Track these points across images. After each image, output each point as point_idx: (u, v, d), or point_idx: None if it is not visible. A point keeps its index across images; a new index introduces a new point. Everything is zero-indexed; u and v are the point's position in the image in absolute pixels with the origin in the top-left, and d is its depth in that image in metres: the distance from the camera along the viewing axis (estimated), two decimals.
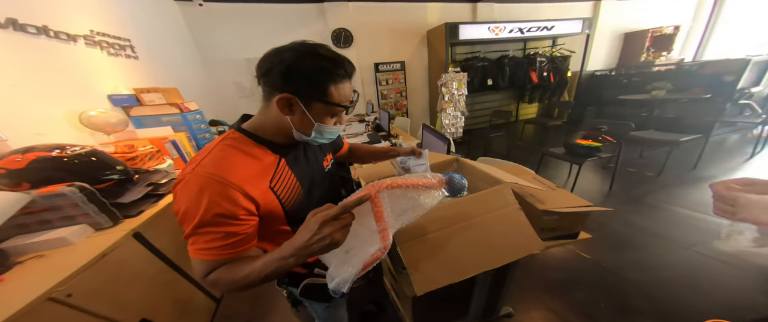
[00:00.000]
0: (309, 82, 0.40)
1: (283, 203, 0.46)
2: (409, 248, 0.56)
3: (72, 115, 1.31)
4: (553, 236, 0.70)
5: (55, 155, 0.94)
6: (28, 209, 0.83)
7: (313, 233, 0.34)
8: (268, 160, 0.45)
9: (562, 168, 2.62)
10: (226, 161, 0.40)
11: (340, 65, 0.42)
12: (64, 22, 1.41)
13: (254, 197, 0.41)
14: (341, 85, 0.42)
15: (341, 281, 0.39)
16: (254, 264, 0.38)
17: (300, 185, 0.50)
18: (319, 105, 0.42)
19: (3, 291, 0.68)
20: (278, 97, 0.40)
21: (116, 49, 1.71)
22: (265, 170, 0.44)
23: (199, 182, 0.37)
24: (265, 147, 0.46)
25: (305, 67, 0.39)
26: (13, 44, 1.16)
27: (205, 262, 0.39)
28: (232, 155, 0.42)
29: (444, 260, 0.55)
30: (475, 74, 3.89)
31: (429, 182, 0.43)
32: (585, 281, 1.32)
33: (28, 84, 1.17)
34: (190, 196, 0.36)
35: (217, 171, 0.38)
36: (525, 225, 0.59)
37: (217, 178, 0.37)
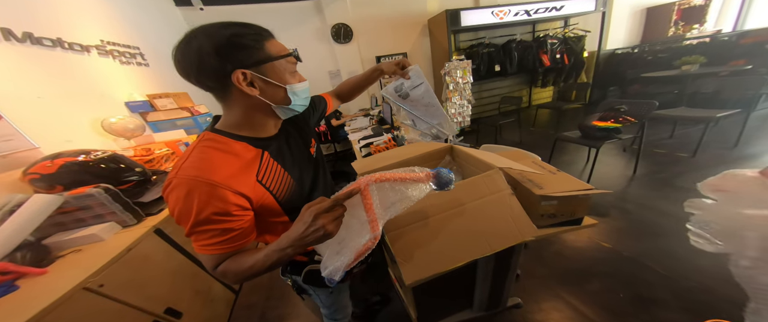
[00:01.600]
0: (244, 48, 0.39)
1: (275, 195, 0.47)
2: (398, 237, 0.57)
3: (95, 122, 1.42)
4: (554, 222, 0.67)
5: (81, 160, 1.04)
6: (63, 208, 0.93)
7: (307, 225, 0.37)
8: (250, 155, 0.45)
9: (579, 153, 2.51)
10: (206, 163, 0.40)
11: (254, 26, 0.41)
12: (76, 34, 1.50)
13: (244, 193, 0.41)
14: (270, 41, 0.42)
15: (334, 270, 0.41)
16: (257, 256, 0.42)
17: (290, 175, 0.50)
18: (271, 66, 0.41)
19: (47, 281, 0.77)
20: (234, 77, 0.38)
21: (127, 58, 1.81)
22: (249, 165, 0.44)
23: (185, 186, 0.37)
24: (244, 143, 0.45)
25: (230, 39, 0.38)
26: (33, 57, 1.26)
27: (210, 256, 0.42)
28: (210, 156, 0.41)
29: (434, 249, 0.55)
30: (481, 61, 3.78)
31: (416, 176, 0.44)
32: (603, 271, 1.26)
33: (52, 95, 1.28)
34: (180, 199, 0.37)
35: (199, 173, 0.38)
36: (518, 211, 0.59)
37: (201, 179, 0.37)
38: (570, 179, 0.71)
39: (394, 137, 2.02)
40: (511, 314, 1.12)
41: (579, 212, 0.69)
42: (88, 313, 0.76)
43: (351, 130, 2.65)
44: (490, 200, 0.60)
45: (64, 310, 0.69)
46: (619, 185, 1.96)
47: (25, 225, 0.84)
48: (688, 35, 3.99)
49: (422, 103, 0.81)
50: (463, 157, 0.88)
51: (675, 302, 1.07)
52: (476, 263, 0.89)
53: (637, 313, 1.06)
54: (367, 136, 2.24)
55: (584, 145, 2.02)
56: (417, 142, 1.13)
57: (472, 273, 0.94)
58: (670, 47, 3.74)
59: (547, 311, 1.12)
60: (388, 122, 2.55)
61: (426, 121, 0.83)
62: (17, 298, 0.72)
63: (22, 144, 1.08)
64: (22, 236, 0.83)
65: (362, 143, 2.03)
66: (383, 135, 2.16)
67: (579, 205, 0.67)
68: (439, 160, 0.97)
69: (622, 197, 1.80)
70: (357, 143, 2.08)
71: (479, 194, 0.60)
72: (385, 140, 2.02)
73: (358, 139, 2.21)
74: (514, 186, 0.63)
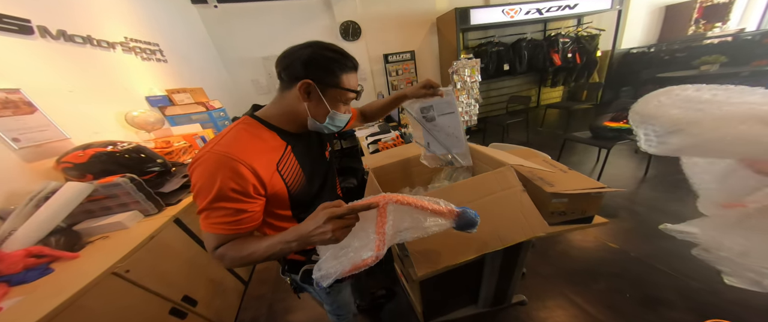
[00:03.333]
0: (325, 70, 0.47)
1: (288, 187, 0.50)
2: None
3: (119, 115, 1.48)
4: (564, 220, 0.68)
5: (109, 151, 1.09)
6: (92, 196, 0.99)
7: (318, 225, 0.37)
8: (276, 144, 0.50)
9: (588, 154, 2.48)
10: (240, 143, 0.45)
11: (349, 58, 0.49)
12: (103, 31, 1.57)
13: (262, 177, 0.44)
14: (350, 74, 0.49)
15: (325, 275, 0.41)
16: (260, 243, 0.42)
17: (302, 171, 0.54)
18: (334, 91, 0.49)
19: (79, 265, 0.81)
20: (301, 83, 0.45)
21: (148, 54, 1.88)
22: (274, 153, 0.48)
23: (216, 160, 0.41)
24: (274, 133, 0.51)
25: (322, 58, 0.46)
26: (66, 54, 1.33)
27: (216, 236, 0.43)
28: (245, 137, 0.46)
29: (444, 243, 0.56)
30: (490, 60, 3.73)
31: (439, 210, 0.42)
32: (610, 271, 1.26)
33: (82, 89, 1.35)
34: (205, 173, 0.40)
35: (231, 151, 0.42)
36: (529, 207, 0.60)
37: (232, 156, 0.41)
38: (582, 177, 0.71)
39: (402, 135, 2.04)
40: (515, 311, 1.13)
41: (590, 210, 0.70)
42: (115, 297, 0.80)
43: (358, 128, 2.67)
44: (501, 195, 0.60)
45: (94, 293, 0.73)
46: (629, 187, 1.92)
47: (59, 211, 0.90)
48: (709, 34, 3.81)
49: (446, 132, 0.79)
50: (473, 154, 0.89)
51: (682, 302, 1.06)
52: (484, 259, 0.89)
53: (642, 313, 1.06)
54: (374, 133, 2.26)
55: (594, 145, 1.99)
56: None
57: (479, 269, 0.95)
58: (689, 46, 3.59)
59: (551, 308, 1.13)
60: (395, 120, 2.56)
61: (445, 147, 0.81)
62: (52, 280, 0.75)
63: (55, 135, 1.15)
64: (56, 222, 0.89)
65: (370, 140, 2.05)
66: (390, 132, 2.17)
67: (591, 203, 0.68)
68: None
69: (632, 199, 1.77)
70: (365, 140, 2.10)
71: (490, 190, 0.61)
72: (392, 137, 2.04)
73: (365, 135, 2.23)
74: (525, 183, 0.63)
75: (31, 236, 0.82)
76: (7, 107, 1.02)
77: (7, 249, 0.77)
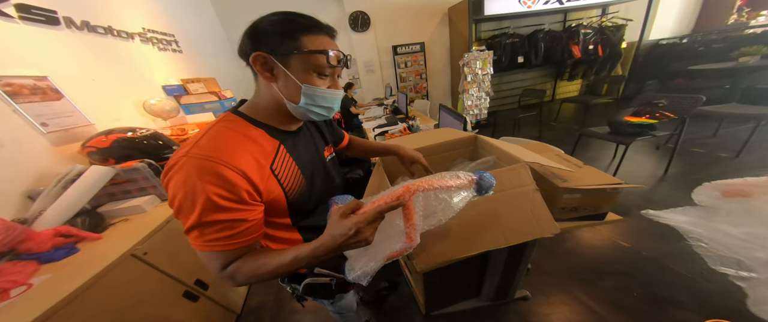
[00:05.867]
0: (278, 35, 0.37)
1: (285, 191, 0.43)
2: None
3: (137, 103, 1.53)
4: (575, 216, 0.66)
5: (129, 136, 1.13)
6: (114, 180, 1.03)
7: (347, 237, 0.33)
8: (266, 143, 0.43)
9: (604, 150, 2.35)
10: (224, 143, 0.37)
11: (309, 17, 0.39)
12: (123, 22, 1.60)
13: (255, 182, 0.37)
14: (316, 36, 0.39)
15: (362, 274, 0.38)
16: (281, 258, 0.36)
17: (301, 172, 0.47)
18: (297, 58, 0.38)
19: (102, 246, 0.84)
20: (252, 57, 0.37)
21: (164, 44, 1.90)
22: (265, 154, 0.41)
23: (195, 166, 0.33)
24: (262, 130, 0.43)
25: (272, 22, 0.38)
26: (89, 44, 1.37)
27: (217, 254, 0.35)
28: (229, 137, 0.38)
29: (449, 237, 0.55)
30: (503, 52, 3.56)
31: (461, 183, 0.41)
32: (619, 270, 1.22)
33: (104, 77, 1.39)
34: (184, 183, 0.32)
35: (214, 153, 0.34)
36: (540, 207, 0.57)
37: (214, 159, 0.33)
38: (597, 173, 0.67)
39: (409, 127, 2.00)
40: (517, 306, 1.11)
41: (604, 207, 0.66)
42: (134, 278, 0.81)
43: (365, 119, 2.65)
44: (513, 193, 0.58)
45: (115, 273, 0.75)
46: (647, 185, 1.81)
47: (85, 193, 0.94)
48: (752, 23, 3.44)
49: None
50: (487, 148, 0.85)
51: (692, 303, 1.02)
52: (489, 253, 0.88)
53: (650, 312, 1.02)
54: (381, 124, 2.23)
55: (612, 141, 1.87)
56: (441, 129, 1.10)
57: (483, 263, 0.93)
58: (728, 37, 3.25)
59: (555, 304, 1.11)
60: (403, 112, 2.51)
61: None
62: (79, 259, 0.78)
63: (80, 120, 1.19)
64: (82, 203, 0.93)
65: (377, 132, 2.02)
66: (398, 124, 2.14)
67: (605, 200, 0.64)
68: (463, 148, 0.94)
69: (649, 197, 1.67)
70: (372, 132, 2.08)
71: (501, 187, 0.58)
72: (400, 129, 2.00)
73: (372, 127, 2.21)
74: (536, 180, 0.60)
75: (59, 216, 0.87)
76: (36, 93, 1.06)
77: (37, 228, 0.82)
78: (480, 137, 0.91)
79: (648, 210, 1.52)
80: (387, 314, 1.20)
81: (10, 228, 0.74)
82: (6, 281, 0.65)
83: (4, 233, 0.72)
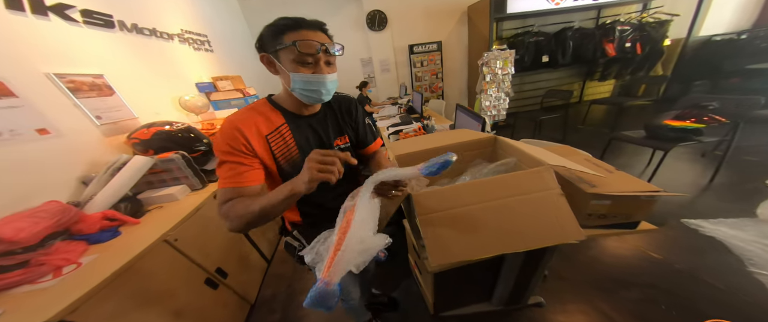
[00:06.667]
0: (271, 37, 0.48)
1: (275, 156, 0.54)
2: (430, 221, 0.55)
3: (174, 99, 1.64)
4: (603, 223, 0.62)
5: (167, 129, 1.21)
6: (153, 169, 1.11)
7: (309, 166, 0.41)
8: (274, 119, 0.56)
9: (638, 156, 2.13)
10: (243, 115, 0.54)
11: (294, 18, 0.48)
12: (165, 24, 1.72)
13: (248, 138, 0.51)
14: (296, 32, 0.47)
15: (311, 259, 0.43)
16: (267, 197, 0.46)
17: (297, 148, 0.56)
18: (284, 52, 0.48)
19: (140, 230, 0.89)
20: (260, 59, 0.51)
21: (198, 45, 2.03)
22: (268, 126, 0.55)
23: (223, 126, 0.52)
24: (278, 111, 0.56)
25: (267, 28, 0.49)
26: (137, 44, 1.49)
27: (223, 191, 0.49)
28: (248, 112, 0.55)
29: (464, 237, 0.53)
30: (526, 51, 3.36)
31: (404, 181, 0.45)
32: (646, 281, 1.12)
33: (147, 74, 1.50)
34: (217, 136, 0.52)
35: (234, 120, 0.52)
36: (564, 212, 0.53)
37: (233, 123, 0.52)
38: (630, 179, 0.62)
39: (424, 126, 1.96)
40: (530, 312, 1.06)
41: (637, 215, 0.61)
42: (164, 262, 0.85)
43: (379, 118, 2.64)
44: (535, 197, 0.54)
45: (149, 257, 0.79)
46: (687, 194, 1.63)
47: (129, 181, 1.02)
48: None
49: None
50: (508, 149, 0.80)
51: (726, 316, 0.90)
52: (504, 256, 0.84)
53: None
54: (395, 124, 2.21)
55: (648, 146, 1.69)
56: (458, 130, 1.06)
57: (498, 267, 0.89)
58: None
59: (571, 313, 1.03)
60: (418, 111, 2.47)
61: None
62: (120, 242, 0.83)
63: (127, 114, 1.30)
64: (126, 190, 1.01)
65: (391, 130, 2.01)
66: (412, 123, 2.10)
67: (639, 208, 0.59)
68: (481, 149, 0.89)
69: (689, 207, 1.50)
70: (386, 130, 2.07)
71: (523, 190, 0.55)
72: (414, 129, 1.97)
73: (386, 126, 2.20)
74: (561, 183, 0.56)
75: (106, 201, 0.95)
76: (93, 89, 1.17)
77: (88, 211, 0.90)
78: (500, 138, 0.86)
79: (689, 220, 1.37)
80: (397, 314, 1.18)
81: (66, 210, 0.82)
82: (60, 259, 0.72)
83: (61, 214, 0.80)
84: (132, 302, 0.74)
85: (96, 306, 0.65)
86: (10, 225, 0.71)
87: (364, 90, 3.17)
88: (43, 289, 0.66)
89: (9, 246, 0.68)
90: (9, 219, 0.74)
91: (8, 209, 0.79)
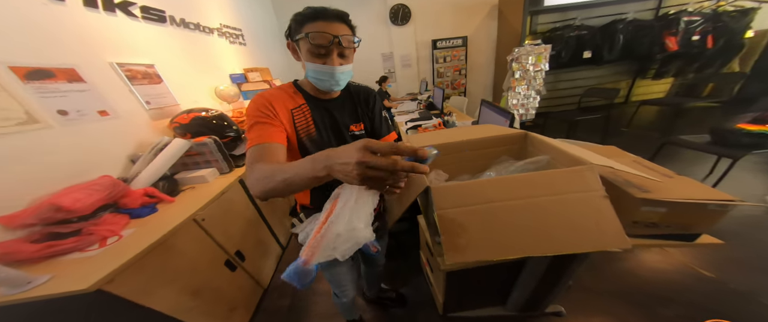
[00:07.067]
0: (295, 25, 0.51)
1: (297, 129, 0.58)
2: (449, 216, 0.50)
3: (210, 88, 1.76)
4: (652, 233, 0.54)
5: (203, 115, 1.30)
6: (189, 152, 1.20)
7: (348, 159, 0.30)
8: (298, 99, 0.60)
9: (696, 164, 1.86)
10: (272, 92, 0.58)
11: (315, 8, 0.49)
12: (207, 19, 1.84)
13: (275, 108, 0.55)
14: (313, 23, 0.49)
15: (301, 236, 0.44)
16: (290, 167, 0.39)
17: (315, 126, 0.59)
18: (302, 42, 0.51)
19: (174, 208, 0.96)
20: (287, 45, 0.56)
21: (233, 38, 2.15)
22: (291, 101, 0.59)
23: (255, 98, 0.56)
24: (300, 94, 0.60)
25: (294, 16, 0.51)
26: (183, 38, 1.61)
27: (252, 149, 0.50)
28: (276, 91, 0.59)
29: (485, 235, 0.48)
30: (565, 46, 3.04)
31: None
32: (688, 299, 0.98)
33: (190, 65, 1.62)
34: (250, 104, 0.55)
35: (264, 94, 0.57)
36: (608, 217, 0.45)
37: (262, 96, 0.56)
38: (695, 185, 0.53)
39: (445, 122, 1.88)
40: (548, 321, 0.97)
41: (698, 226, 0.53)
42: (191, 240, 0.89)
43: (397, 113, 2.59)
44: (572, 197, 0.47)
45: (179, 234, 0.84)
46: (757, 207, 1.38)
47: (169, 161, 1.11)
48: None
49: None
50: (541, 146, 0.72)
51: None
52: (526, 260, 0.78)
53: None
54: (414, 119, 2.15)
55: (713, 153, 1.44)
56: (485, 125, 0.98)
57: (517, 270, 0.82)
58: None
59: None
60: (438, 107, 2.38)
61: None
62: (157, 218, 0.89)
63: (171, 101, 1.42)
64: (165, 169, 1.09)
65: (409, 125, 1.96)
66: (432, 119, 2.03)
67: (703, 218, 0.51)
68: (509, 146, 0.82)
69: (758, 223, 1.27)
70: (404, 125, 2.02)
71: (558, 190, 0.48)
72: (434, 124, 1.90)
73: (404, 121, 2.15)
74: (604, 186, 0.49)
75: (149, 178, 1.04)
76: (145, 77, 1.29)
77: (133, 187, 0.99)
78: (532, 135, 0.77)
79: (757, 235, 1.15)
80: (404, 310, 1.16)
81: (116, 184, 0.91)
82: (106, 230, 0.79)
83: (112, 188, 0.89)
84: (159, 277, 0.77)
85: (129, 278, 0.68)
86: (70, 195, 0.80)
87: (383, 85, 3.13)
88: (89, 257, 0.71)
89: (67, 215, 0.76)
90: (68, 190, 0.83)
91: (69, 181, 0.89)
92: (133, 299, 0.69)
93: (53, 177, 0.87)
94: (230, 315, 1.04)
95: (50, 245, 0.70)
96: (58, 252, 0.71)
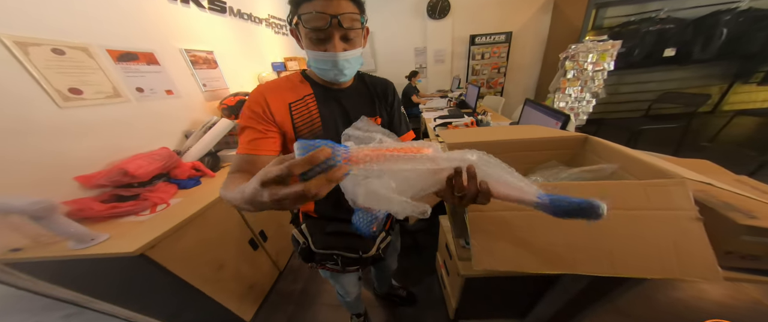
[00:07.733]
0: (291, 8, 0.43)
1: (296, 125, 0.50)
2: (481, 220, 0.44)
3: (254, 74, 1.87)
4: (749, 267, 0.45)
5: (244, 98, 1.40)
6: (232, 132, 1.29)
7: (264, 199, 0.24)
8: (301, 89, 0.52)
9: None
10: (273, 84, 0.51)
11: None
12: (259, 10, 1.94)
13: (271, 106, 0.48)
14: (309, 2, 0.40)
15: (360, 201, 0.30)
16: (242, 185, 0.28)
17: (321, 121, 0.52)
18: (300, 26, 0.43)
19: (214, 183, 1.03)
20: (290, 32, 0.48)
21: (278, 28, 2.25)
22: (293, 94, 0.51)
23: (253, 92, 0.50)
24: (307, 83, 0.53)
25: None
26: (238, 27, 1.73)
27: (238, 156, 0.46)
28: (278, 81, 0.53)
29: (523, 243, 0.41)
30: (641, 42, 2.54)
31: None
32: None
33: (240, 52, 1.74)
34: (247, 101, 0.51)
35: (262, 87, 0.50)
36: (697, 241, 0.34)
37: (259, 91, 0.50)
38: None
39: (478, 121, 1.73)
40: None
41: None
42: (223, 215, 0.95)
43: (426, 109, 2.46)
44: (650, 215, 0.37)
45: (215, 207, 0.89)
46: None
47: (215, 138, 1.20)
48: None
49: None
50: (606, 153, 0.60)
51: None
52: (560, 276, 0.67)
53: None
54: (443, 116, 2.01)
55: None
56: (531, 126, 0.84)
57: (546, 285, 0.73)
58: None
59: None
60: (470, 106, 2.20)
61: None
62: (200, 190, 0.97)
63: (222, 85, 1.55)
64: (211, 146, 1.19)
65: (438, 122, 1.84)
66: (463, 117, 1.88)
67: None
68: (562, 150, 0.69)
69: None
70: (432, 122, 1.91)
71: (631, 205, 0.38)
72: (466, 122, 1.76)
73: (433, 117, 2.03)
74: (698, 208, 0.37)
75: (197, 153, 1.14)
76: (205, 63, 1.43)
77: (184, 160, 1.09)
78: (594, 139, 0.64)
79: None
80: (414, 310, 1.12)
81: (171, 156, 1.02)
82: (158, 197, 0.87)
83: (168, 159, 1.00)
84: (193, 248, 0.81)
85: (169, 245, 0.72)
86: (134, 162, 0.90)
87: (413, 80, 3.01)
88: (141, 222, 0.77)
89: (131, 179, 0.86)
90: (133, 158, 0.94)
91: (136, 150, 1.01)
92: (168, 266, 0.72)
93: (125, 145, 1.00)
94: (248, 292, 1.10)
95: (114, 207, 0.80)
96: (118, 213, 0.79)
